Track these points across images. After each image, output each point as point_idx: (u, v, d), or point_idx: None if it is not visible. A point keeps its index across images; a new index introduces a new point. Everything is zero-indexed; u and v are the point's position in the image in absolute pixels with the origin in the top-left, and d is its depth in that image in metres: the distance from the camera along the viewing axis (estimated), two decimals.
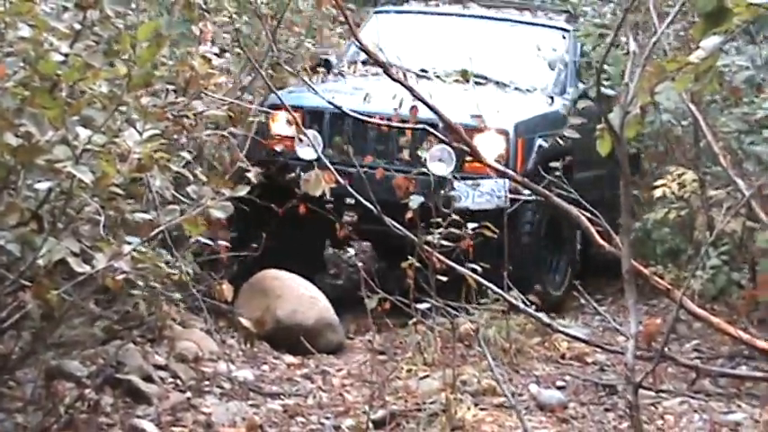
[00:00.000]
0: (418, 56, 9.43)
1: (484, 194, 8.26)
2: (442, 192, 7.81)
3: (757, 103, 8.04)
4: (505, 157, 8.42)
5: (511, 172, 6.09)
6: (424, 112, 7.87)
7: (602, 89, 7.88)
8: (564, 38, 9.95)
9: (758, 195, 7.09)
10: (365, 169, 7.14)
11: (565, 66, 9.65)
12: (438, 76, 9.14)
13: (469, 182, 8.27)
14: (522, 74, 9.50)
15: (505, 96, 9.19)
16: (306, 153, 8.27)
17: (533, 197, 7.87)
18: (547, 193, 5.92)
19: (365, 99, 7.90)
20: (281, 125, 8.59)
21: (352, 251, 8.15)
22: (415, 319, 6.80)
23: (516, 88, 9.39)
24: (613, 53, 8.47)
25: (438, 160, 8.29)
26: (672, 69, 3.36)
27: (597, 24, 9.83)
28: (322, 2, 9.27)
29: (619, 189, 5.05)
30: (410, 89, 5.82)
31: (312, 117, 8.59)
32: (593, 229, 5.52)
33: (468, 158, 7.87)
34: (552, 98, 9.36)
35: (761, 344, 5.71)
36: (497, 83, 9.32)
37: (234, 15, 8.24)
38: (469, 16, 10.30)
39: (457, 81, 8.74)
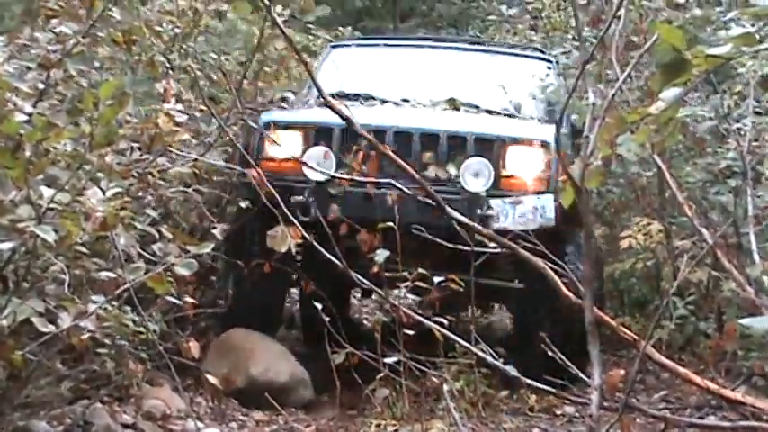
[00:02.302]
0: (389, 89, 8.71)
1: (526, 213, 7.28)
2: (478, 211, 7.20)
3: (721, 153, 8.10)
4: (547, 173, 7.45)
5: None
6: (453, 125, 7.66)
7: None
8: (549, 69, 9.27)
9: (723, 245, 7.15)
10: (383, 190, 6.89)
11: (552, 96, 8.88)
12: (422, 105, 8.44)
13: (508, 199, 7.31)
14: (509, 103, 8.56)
15: (508, 120, 8.20)
16: (315, 174, 7.35)
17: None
18: (512, 245, 5.92)
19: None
20: (277, 146, 7.75)
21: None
22: (382, 374, 6.75)
23: (510, 115, 8.35)
24: (577, 104, 8.50)
25: (474, 175, 7.42)
26: (632, 121, 3.38)
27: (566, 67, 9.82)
28: (283, 61, 9.24)
29: None
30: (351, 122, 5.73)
31: (318, 134, 7.68)
32: (558, 281, 5.53)
33: (506, 173, 7.41)
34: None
35: (728, 393, 5.73)
36: (489, 111, 8.38)
37: (196, 72, 8.22)
38: (435, 46, 9.60)
39: (446, 110, 8.28)
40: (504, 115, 8.28)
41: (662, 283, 8.73)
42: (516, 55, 9.52)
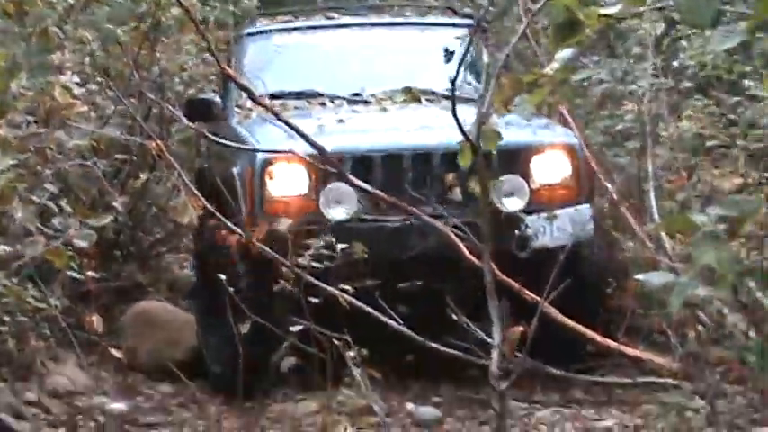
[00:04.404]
0: (322, 79, 8.00)
1: (563, 227, 6.65)
2: (516, 232, 6.59)
3: (618, 115, 8.20)
4: (575, 180, 6.90)
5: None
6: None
7: None
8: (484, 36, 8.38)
9: (626, 204, 7.25)
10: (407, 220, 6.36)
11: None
12: (379, 99, 7.68)
13: (543, 214, 6.65)
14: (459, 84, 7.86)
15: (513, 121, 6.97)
16: (335, 213, 6.60)
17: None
18: (416, 211, 5.92)
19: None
20: (281, 182, 6.74)
21: None
22: (288, 342, 6.69)
23: (470, 99, 6.76)
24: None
25: (509, 194, 6.72)
26: (527, 81, 3.41)
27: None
28: (185, 29, 8.91)
29: None
30: (295, 128, 5.50)
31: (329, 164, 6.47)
32: (462, 246, 5.57)
33: (534, 185, 6.77)
34: None
35: (628, 350, 5.83)
36: (447, 97, 7.30)
37: (92, 43, 8.08)
38: (369, 25, 8.68)
39: (405, 101, 7.51)
40: (468, 100, 6.82)
41: None
42: (445, 25, 8.57)
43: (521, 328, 3.80)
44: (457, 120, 4.15)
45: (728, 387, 5.83)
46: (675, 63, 8.12)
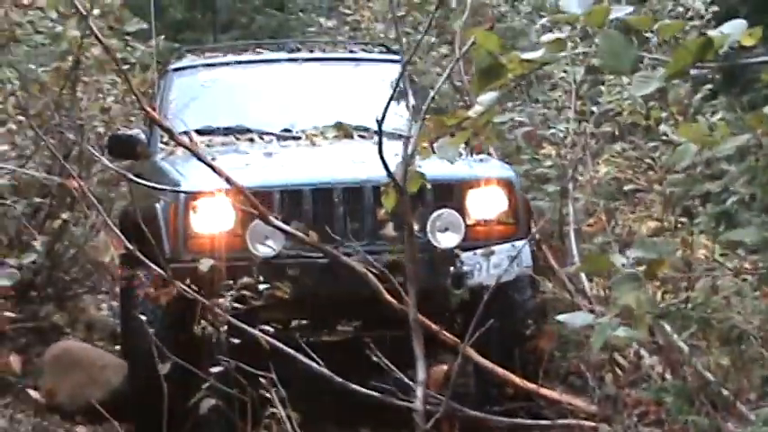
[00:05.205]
0: (251, 115, 7.85)
1: (500, 264, 6.42)
2: (451, 269, 6.38)
3: (538, 159, 8.30)
4: (512, 215, 6.68)
5: None
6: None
7: None
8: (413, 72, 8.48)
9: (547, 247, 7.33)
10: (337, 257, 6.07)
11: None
12: (310, 135, 7.51)
13: (479, 251, 6.46)
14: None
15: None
16: (263, 249, 6.33)
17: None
18: (333, 252, 5.91)
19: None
20: (206, 218, 6.43)
21: None
22: (208, 384, 6.59)
23: (401, 135, 6.16)
24: None
25: (445, 230, 6.50)
26: (451, 124, 3.45)
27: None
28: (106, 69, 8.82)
29: None
30: (210, 165, 5.58)
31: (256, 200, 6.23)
32: (381, 288, 5.60)
33: (469, 220, 6.57)
34: None
35: (546, 392, 5.89)
36: (377, 132, 6.93)
37: (12, 82, 8.04)
38: (299, 60, 8.49)
39: (336, 137, 7.41)
40: (400, 136, 6.29)
41: None
42: (375, 60, 8.61)
43: (445, 366, 3.83)
44: (383, 160, 4.19)
45: (646, 429, 5.91)
46: (595, 108, 8.24)
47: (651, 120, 7.91)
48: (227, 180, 5.51)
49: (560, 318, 3.33)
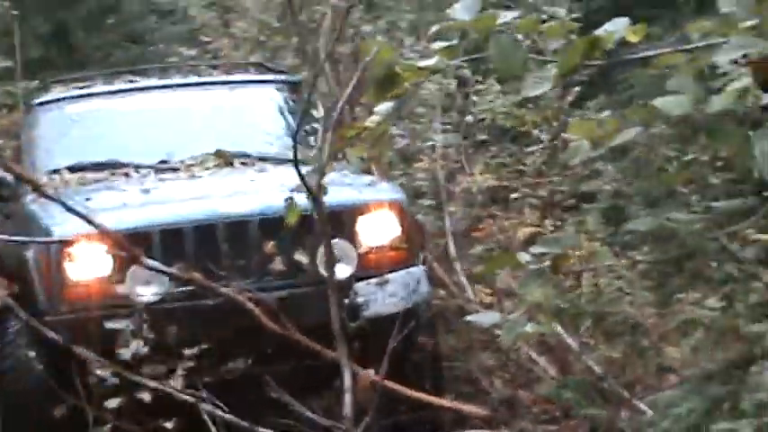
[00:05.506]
0: (125, 148, 7.39)
1: (396, 292, 6.16)
2: (346, 301, 6.00)
3: (412, 172, 8.41)
4: (405, 239, 6.34)
5: None
6: (275, 199, 5.65)
7: None
8: (295, 92, 7.98)
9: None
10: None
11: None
12: (188, 165, 7.08)
13: (373, 280, 6.17)
14: (273, 144, 7.20)
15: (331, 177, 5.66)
16: (145, 294, 5.99)
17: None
18: (211, 285, 5.81)
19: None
20: (81, 264, 6.07)
21: None
22: None
23: (288, 160, 5.73)
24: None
25: (336, 260, 5.93)
26: (350, 135, 3.50)
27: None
28: None
29: None
30: (70, 209, 5.45)
31: (135, 241, 5.95)
32: (257, 311, 5.57)
33: (364, 248, 6.24)
34: None
35: (436, 400, 5.96)
36: (262, 158, 7.09)
37: None
38: (173, 86, 8.06)
39: (216, 166, 7.03)
40: (286, 161, 6.02)
41: None
42: (255, 82, 8.24)
43: (371, 371, 3.87)
44: (302, 177, 4.18)
45: (541, 428, 6.02)
46: (468, 118, 8.36)
47: (528, 125, 8.04)
48: (97, 226, 5.36)
49: (470, 318, 3.40)
